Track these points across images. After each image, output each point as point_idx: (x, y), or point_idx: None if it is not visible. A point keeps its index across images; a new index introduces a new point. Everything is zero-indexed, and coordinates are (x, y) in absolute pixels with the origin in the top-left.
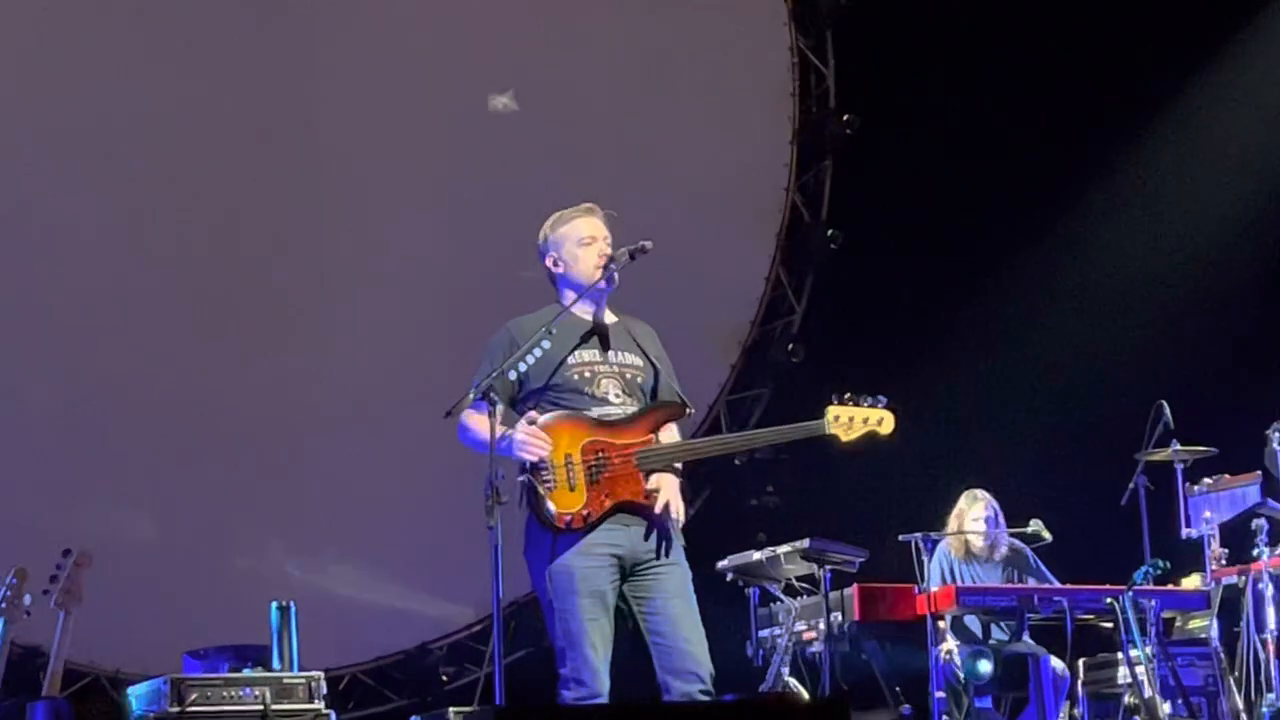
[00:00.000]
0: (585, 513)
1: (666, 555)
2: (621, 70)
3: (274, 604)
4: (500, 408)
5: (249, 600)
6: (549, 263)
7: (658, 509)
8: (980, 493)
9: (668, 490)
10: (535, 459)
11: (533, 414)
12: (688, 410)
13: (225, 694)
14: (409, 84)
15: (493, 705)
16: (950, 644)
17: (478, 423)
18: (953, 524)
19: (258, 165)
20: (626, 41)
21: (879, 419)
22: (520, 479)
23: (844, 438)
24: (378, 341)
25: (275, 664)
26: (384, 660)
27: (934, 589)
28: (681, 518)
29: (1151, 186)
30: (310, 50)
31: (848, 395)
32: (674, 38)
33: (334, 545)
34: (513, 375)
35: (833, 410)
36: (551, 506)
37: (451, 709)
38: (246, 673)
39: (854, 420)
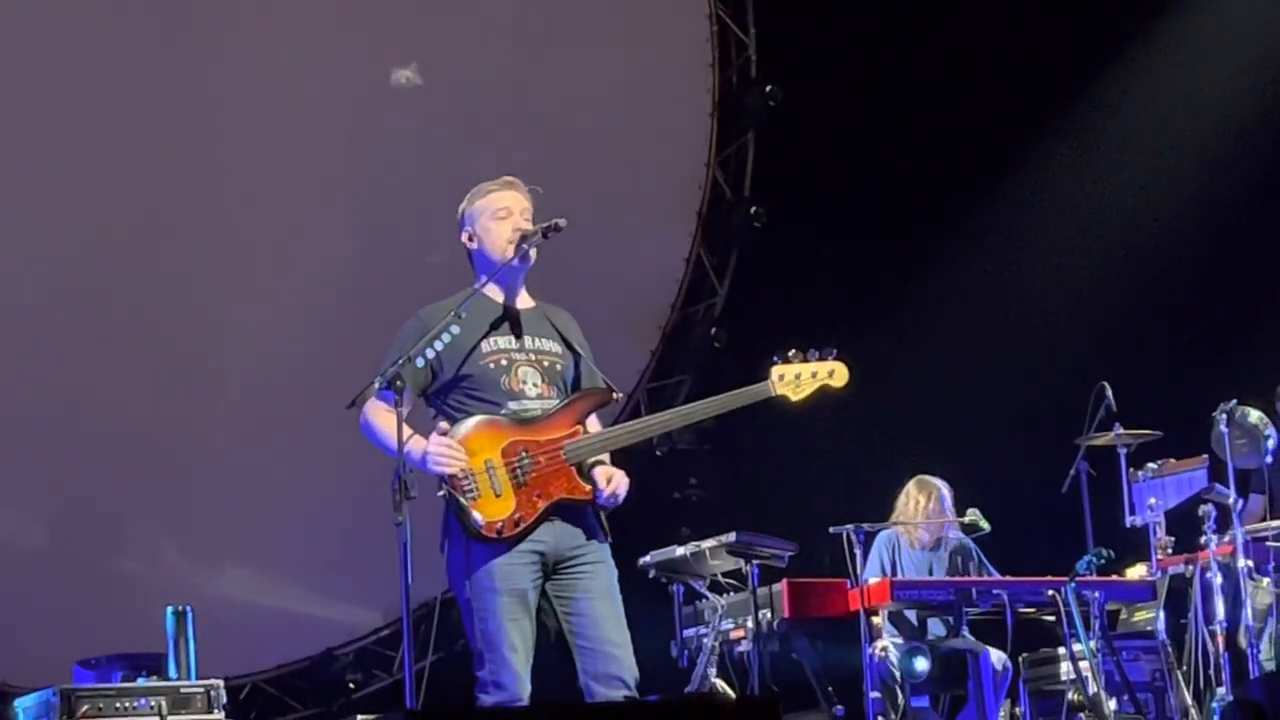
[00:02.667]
0: (517, 517)
1: (591, 553)
2: (530, 40)
3: (170, 609)
4: (408, 396)
5: (143, 606)
6: (465, 238)
7: (608, 499)
8: (931, 479)
9: (619, 479)
10: (452, 471)
11: (443, 425)
12: (615, 396)
13: (119, 705)
14: (307, 57)
15: (402, 709)
16: (885, 641)
17: (382, 420)
18: (902, 507)
19: (150, 146)
20: (535, 9)
21: (830, 370)
22: (439, 494)
23: (794, 397)
24: (277, 332)
25: (171, 673)
26: (287, 668)
27: (871, 580)
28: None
29: (1090, 164)
30: (204, 25)
31: (792, 352)
32: (585, 4)
33: (232, 547)
34: (421, 362)
35: (778, 370)
36: (478, 517)
37: (359, 717)
38: (141, 682)
39: (802, 377)
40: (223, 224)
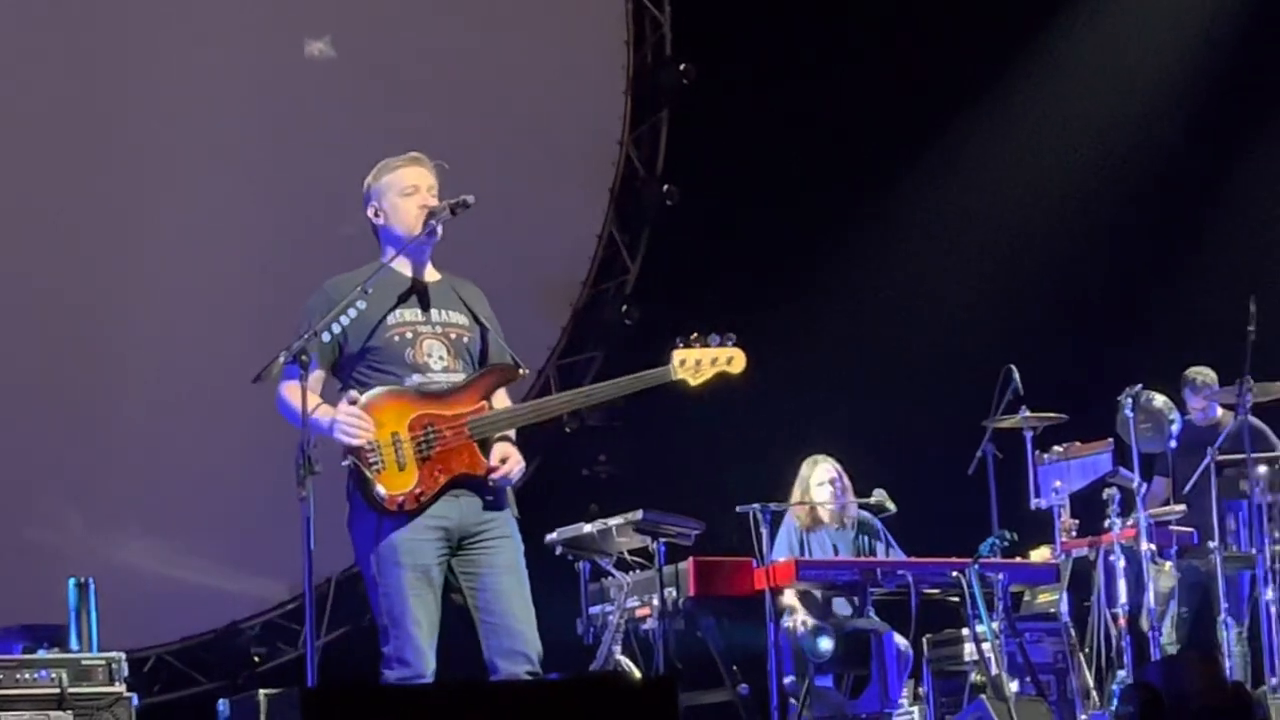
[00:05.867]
0: (418, 491)
1: (497, 528)
2: (444, 15)
3: (72, 581)
4: (315, 374)
5: (44, 577)
6: (370, 213)
7: (499, 478)
8: (822, 457)
9: (514, 461)
10: (358, 443)
11: (353, 393)
12: (521, 371)
13: (18, 676)
14: (220, 29)
15: (300, 686)
16: (802, 615)
17: (294, 395)
18: (796, 493)
19: (58, 113)
20: None
21: (728, 357)
22: (344, 464)
23: (693, 381)
24: (185, 300)
25: (73, 645)
26: (191, 640)
27: (778, 559)
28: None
29: (1001, 148)
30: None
31: (694, 336)
32: None
33: (137, 518)
34: (327, 337)
35: (679, 354)
36: (381, 489)
37: (261, 691)
38: (41, 654)
39: (702, 362)
40: (131, 193)
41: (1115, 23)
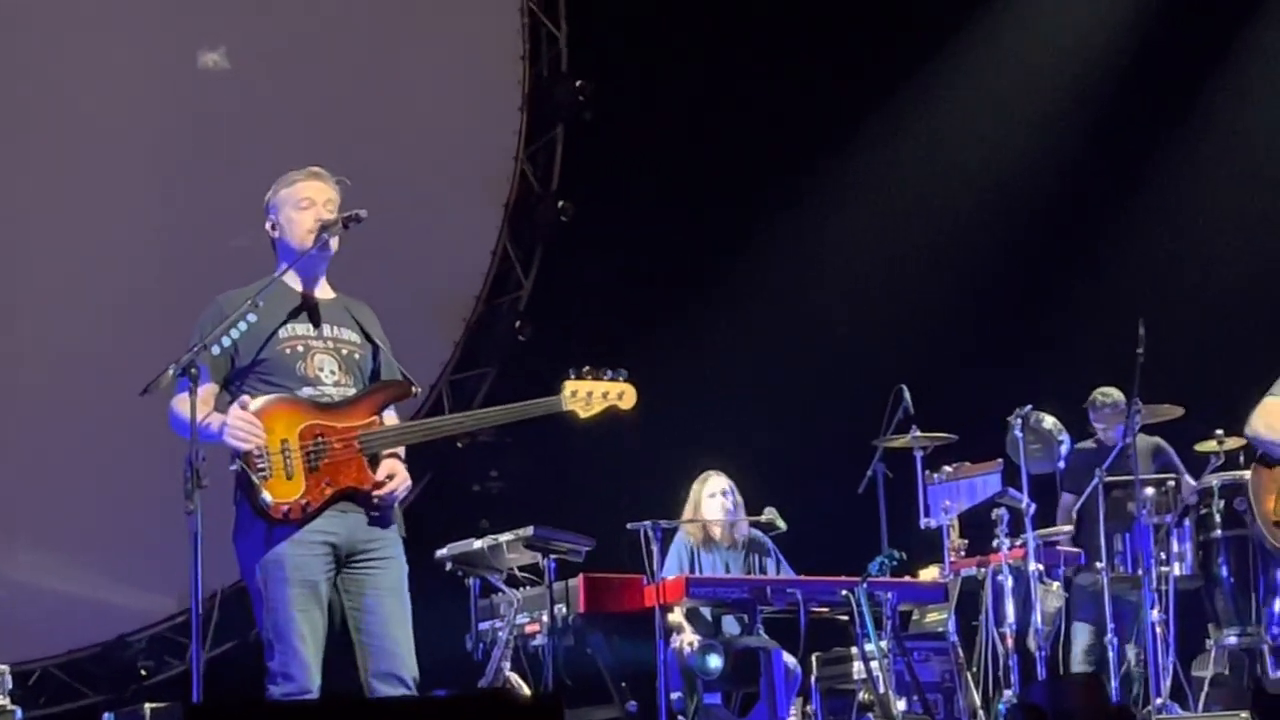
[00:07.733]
0: (304, 502)
1: (384, 548)
2: (341, 29)
3: None
4: (206, 386)
5: None
6: (268, 226)
7: (384, 494)
8: (714, 473)
9: (401, 479)
10: (248, 448)
11: (245, 398)
12: (414, 390)
13: None
14: (113, 37)
15: (185, 701)
16: (690, 635)
17: (185, 407)
18: (689, 509)
19: None
20: None
21: (619, 393)
22: (232, 468)
23: (582, 414)
24: (77, 311)
25: None
26: (78, 653)
27: (669, 577)
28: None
29: (893, 170)
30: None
31: (586, 369)
32: None
33: (24, 530)
34: (217, 350)
35: (570, 385)
36: (267, 496)
37: (147, 705)
38: None
39: (593, 395)
40: (20, 202)
41: (1012, 44)
